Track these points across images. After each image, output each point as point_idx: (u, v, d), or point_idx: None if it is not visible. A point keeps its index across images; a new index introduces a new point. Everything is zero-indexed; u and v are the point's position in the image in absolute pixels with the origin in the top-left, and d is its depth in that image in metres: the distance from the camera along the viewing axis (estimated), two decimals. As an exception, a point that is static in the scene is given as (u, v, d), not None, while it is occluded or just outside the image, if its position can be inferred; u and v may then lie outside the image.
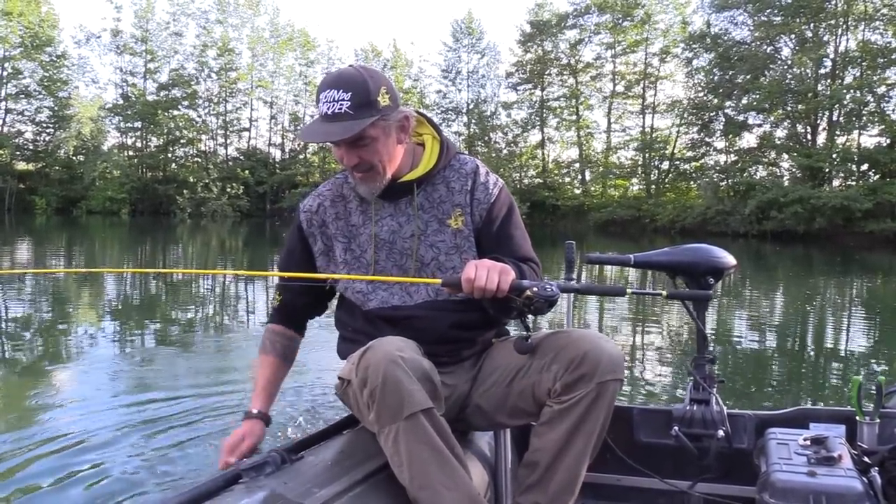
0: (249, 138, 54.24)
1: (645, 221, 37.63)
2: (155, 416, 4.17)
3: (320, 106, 1.68)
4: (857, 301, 11.51)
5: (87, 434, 3.79)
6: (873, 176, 33.01)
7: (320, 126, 1.70)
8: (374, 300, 1.83)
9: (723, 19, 39.70)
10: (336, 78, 1.69)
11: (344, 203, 1.90)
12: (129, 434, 3.83)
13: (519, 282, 1.63)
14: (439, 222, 1.83)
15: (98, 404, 4.39)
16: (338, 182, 1.94)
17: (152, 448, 3.62)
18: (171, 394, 4.65)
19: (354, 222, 1.87)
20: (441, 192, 1.85)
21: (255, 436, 1.82)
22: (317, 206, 1.91)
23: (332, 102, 1.66)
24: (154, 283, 10.97)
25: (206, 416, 4.17)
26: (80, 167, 48.77)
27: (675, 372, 5.61)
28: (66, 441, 3.68)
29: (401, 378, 1.50)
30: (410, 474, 1.51)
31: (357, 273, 1.84)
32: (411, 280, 1.77)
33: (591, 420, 1.65)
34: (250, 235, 29.47)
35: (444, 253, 1.82)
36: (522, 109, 48.62)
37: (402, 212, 1.84)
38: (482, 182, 1.87)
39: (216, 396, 4.61)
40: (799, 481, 1.67)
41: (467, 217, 1.84)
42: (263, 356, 1.97)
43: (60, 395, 4.63)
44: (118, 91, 51.86)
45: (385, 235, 1.83)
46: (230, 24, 52.03)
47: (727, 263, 2.06)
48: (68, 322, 7.65)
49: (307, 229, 1.91)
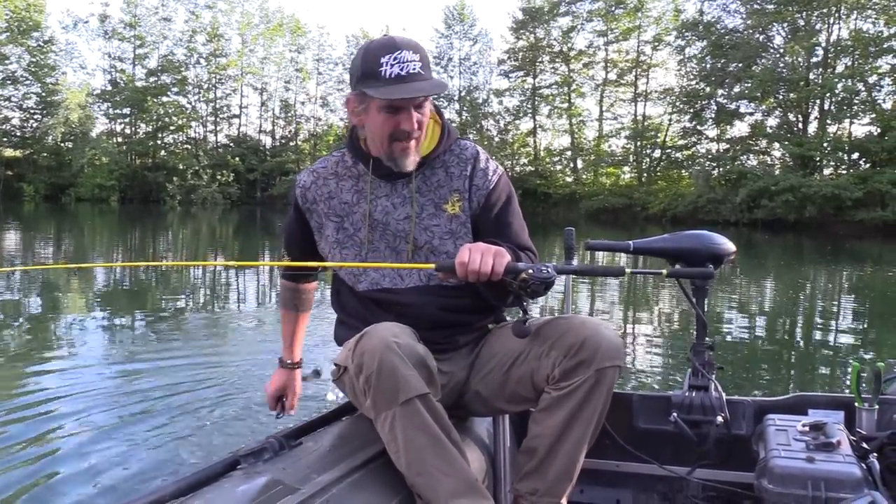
0: (240, 125, 54.14)
1: (636, 210, 37.71)
2: (151, 404, 4.17)
3: (392, 67, 1.64)
4: (850, 289, 11.59)
5: (83, 423, 3.79)
6: (864, 165, 33.16)
7: (404, 85, 1.65)
8: (364, 281, 1.82)
9: (715, 7, 39.83)
10: (401, 41, 1.68)
11: (337, 180, 1.87)
12: (126, 422, 3.83)
13: (514, 264, 1.60)
14: (435, 206, 1.81)
15: (92, 393, 4.38)
16: (333, 159, 1.91)
17: (150, 435, 3.62)
18: (166, 381, 4.64)
19: (347, 200, 1.85)
20: (440, 176, 1.83)
21: (294, 387, 2.12)
22: (310, 183, 1.89)
23: (408, 63, 1.65)
24: (145, 274, 10.91)
25: (202, 404, 4.17)
26: (68, 154, 48.47)
27: (673, 358, 5.63)
28: (62, 430, 3.68)
29: (396, 364, 1.49)
30: (407, 460, 1.51)
31: (349, 251, 1.83)
32: (405, 266, 1.74)
33: (589, 406, 1.65)
34: (241, 223, 29.39)
35: (439, 237, 1.80)
36: (514, 97, 48.64)
37: (398, 193, 1.81)
38: (482, 168, 1.85)
39: (212, 383, 4.61)
40: (797, 467, 1.66)
41: (465, 202, 1.82)
42: (282, 310, 2.15)
43: (53, 385, 4.60)
44: (107, 77, 51.69)
45: (379, 216, 1.81)
46: (219, 10, 51.79)
47: (727, 249, 2.04)
48: (58, 313, 7.61)
49: (302, 205, 1.90)
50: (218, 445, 3.46)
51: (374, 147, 1.78)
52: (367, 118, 1.75)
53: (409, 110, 1.70)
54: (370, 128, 1.76)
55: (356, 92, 1.73)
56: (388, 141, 1.74)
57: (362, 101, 1.73)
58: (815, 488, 1.61)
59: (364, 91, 1.68)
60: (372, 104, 1.71)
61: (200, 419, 3.90)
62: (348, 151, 1.88)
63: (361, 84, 1.69)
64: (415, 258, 1.80)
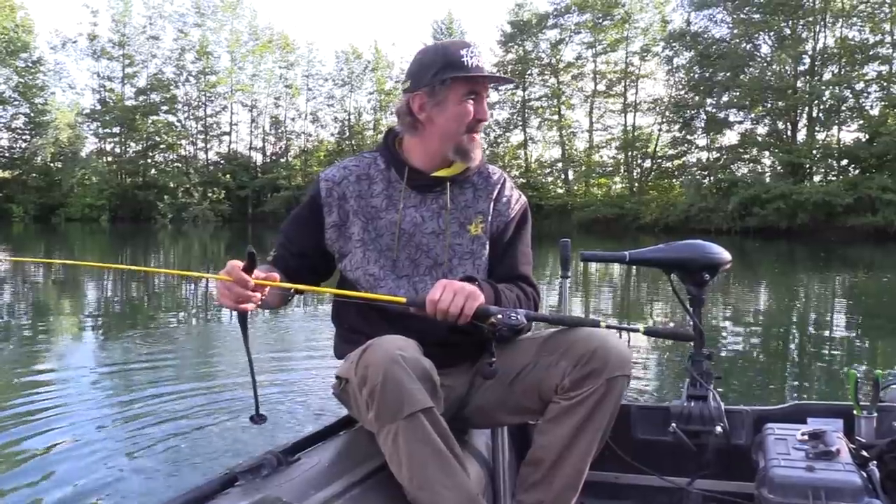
0: (230, 142, 54.10)
1: (628, 220, 37.80)
2: (144, 420, 4.13)
3: (472, 58, 1.75)
4: (845, 295, 11.62)
5: (75, 440, 3.75)
6: (853, 171, 33.35)
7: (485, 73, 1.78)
8: (384, 288, 1.79)
9: (702, 17, 40.14)
10: (462, 41, 1.80)
11: (369, 183, 1.85)
12: (119, 439, 3.80)
13: (486, 307, 1.61)
14: (460, 225, 1.84)
15: (84, 410, 4.34)
16: (366, 160, 1.89)
17: (145, 452, 3.59)
18: (159, 397, 4.61)
19: (376, 205, 1.83)
20: (468, 196, 1.87)
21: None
22: (340, 178, 1.85)
23: (479, 57, 1.76)
24: (136, 289, 10.87)
25: (196, 419, 4.14)
26: (57, 174, 48.39)
27: (671, 368, 5.63)
28: (54, 448, 3.64)
29: (401, 377, 1.48)
30: (409, 474, 1.50)
31: (373, 254, 1.81)
32: (377, 298, 1.70)
33: (598, 416, 1.65)
34: (233, 240, 29.30)
35: (459, 256, 1.82)
36: (504, 110, 48.70)
37: (427, 206, 1.83)
38: (507, 195, 1.91)
39: (206, 398, 4.58)
40: (797, 476, 1.66)
41: (486, 224, 1.86)
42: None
43: (41, 401, 4.55)
44: (96, 96, 51.70)
45: (407, 226, 1.81)
46: (208, 28, 51.89)
47: (723, 259, 2.05)
48: (48, 326, 7.56)
49: (325, 198, 1.84)
50: (214, 461, 3.43)
51: (442, 142, 1.80)
52: (441, 111, 1.78)
53: (483, 99, 1.79)
54: (443, 120, 1.78)
55: (428, 86, 1.76)
56: (465, 130, 1.79)
57: (436, 94, 1.76)
58: (815, 497, 1.61)
59: (454, 76, 1.73)
60: (451, 94, 1.76)
61: (195, 435, 3.87)
62: (381, 155, 1.87)
63: (443, 73, 1.74)
64: (432, 274, 1.81)
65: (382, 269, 1.81)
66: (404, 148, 1.87)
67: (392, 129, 1.91)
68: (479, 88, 1.77)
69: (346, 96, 53.21)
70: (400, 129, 1.87)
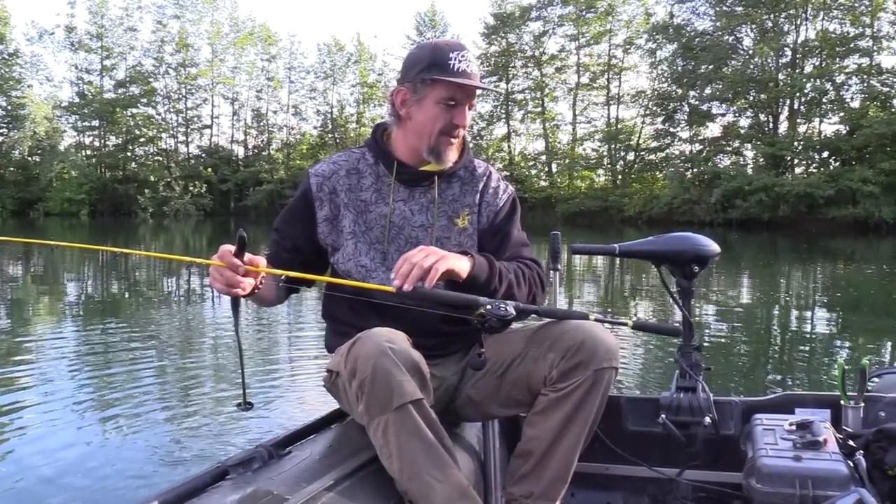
0: (211, 135, 53.72)
1: (612, 212, 37.96)
2: (134, 414, 4.12)
3: (460, 63, 1.74)
4: (829, 286, 11.74)
5: (63, 435, 3.73)
6: (834, 163, 33.65)
7: (468, 80, 1.76)
8: (375, 279, 1.80)
9: (685, 10, 40.27)
10: (457, 43, 1.80)
11: (358, 177, 1.87)
12: (108, 433, 3.79)
13: (475, 298, 1.61)
14: (448, 219, 1.86)
15: (71, 404, 4.32)
16: (354, 155, 1.91)
17: (134, 446, 3.58)
18: (147, 391, 4.59)
19: (365, 199, 1.85)
20: (455, 190, 1.89)
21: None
22: (330, 173, 1.87)
23: (471, 63, 1.76)
24: (117, 284, 10.79)
25: (185, 412, 4.13)
26: (36, 168, 47.77)
27: (661, 360, 5.66)
28: (41, 443, 3.62)
29: (390, 369, 1.48)
30: (400, 466, 1.50)
31: (363, 246, 1.82)
32: (365, 286, 1.71)
33: (587, 407, 1.66)
34: (215, 234, 29.10)
35: (447, 249, 1.80)
36: (487, 102, 48.67)
37: (416, 200, 1.85)
38: (493, 186, 1.93)
39: (195, 391, 4.57)
40: (785, 466, 1.68)
41: (474, 216, 1.89)
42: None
43: (27, 396, 4.52)
44: (74, 89, 51.11)
45: (396, 220, 1.83)
46: (187, 19, 51.33)
47: (712, 251, 2.06)
48: (28, 323, 7.49)
49: (316, 192, 1.85)
50: (205, 455, 3.42)
51: (418, 139, 1.81)
52: (419, 109, 1.78)
53: (464, 107, 1.78)
54: (420, 118, 1.79)
55: (411, 82, 1.77)
56: (437, 133, 1.78)
57: (418, 91, 1.77)
58: (802, 486, 1.63)
59: (434, 77, 1.73)
60: (429, 96, 1.76)
61: (184, 426, 3.86)
62: (370, 150, 1.89)
63: (427, 72, 1.74)
64: None
65: (373, 260, 1.82)
66: (392, 142, 1.88)
67: (381, 124, 1.93)
68: (460, 96, 1.76)
69: (328, 89, 52.99)
70: (388, 122, 1.89)
